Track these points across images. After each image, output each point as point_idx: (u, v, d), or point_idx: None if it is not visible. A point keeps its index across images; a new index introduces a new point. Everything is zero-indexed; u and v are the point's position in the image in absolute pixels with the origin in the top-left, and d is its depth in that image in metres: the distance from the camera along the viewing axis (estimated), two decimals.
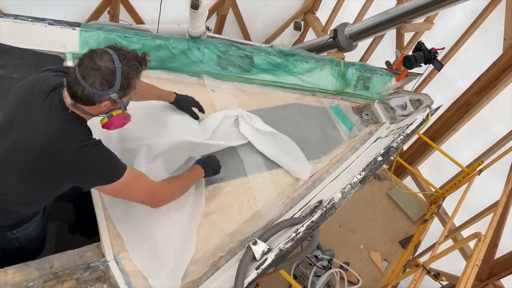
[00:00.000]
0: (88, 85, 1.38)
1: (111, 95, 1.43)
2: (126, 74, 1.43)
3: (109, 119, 1.51)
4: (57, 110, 1.47)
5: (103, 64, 1.39)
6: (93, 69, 1.38)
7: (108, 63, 1.40)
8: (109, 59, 1.41)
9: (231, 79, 2.62)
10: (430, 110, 2.63)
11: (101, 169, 1.52)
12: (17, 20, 2.23)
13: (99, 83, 1.39)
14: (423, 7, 2.96)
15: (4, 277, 1.61)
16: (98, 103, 1.44)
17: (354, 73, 2.81)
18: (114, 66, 1.40)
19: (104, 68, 1.39)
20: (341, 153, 2.50)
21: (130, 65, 1.44)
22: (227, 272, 1.84)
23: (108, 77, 1.40)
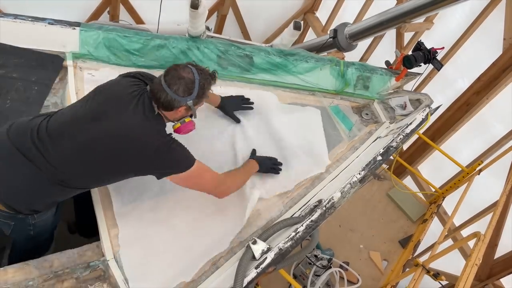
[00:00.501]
0: (172, 92, 1.64)
1: (188, 102, 1.68)
2: (202, 85, 1.70)
3: (182, 124, 1.77)
4: (149, 109, 1.70)
5: (186, 75, 1.66)
6: (178, 78, 1.65)
7: (190, 75, 1.67)
8: (190, 71, 1.68)
9: (231, 79, 2.63)
10: (429, 110, 2.63)
11: (177, 161, 1.74)
12: (17, 19, 2.24)
13: (182, 90, 1.65)
14: (423, 7, 2.96)
15: (4, 276, 1.61)
16: (176, 108, 1.69)
17: (354, 72, 2.81)
18: (194, 77, 1.67)
19: (187, 79, 1.66)
20: (340, 153, 2.50)
21: (205, 77, 1.72)
22: (226, 271, 1.84)
23: (190, 85, 1.67)
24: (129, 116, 1.66)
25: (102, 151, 1.66)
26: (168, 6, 2.97)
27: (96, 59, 2.39)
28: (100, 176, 1.75)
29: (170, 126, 1.82)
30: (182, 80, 1.65)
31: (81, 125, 1.66)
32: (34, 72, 2.23)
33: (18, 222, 1.76)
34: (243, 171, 2.10)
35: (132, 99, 1.69)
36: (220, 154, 2.27)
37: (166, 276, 1.79)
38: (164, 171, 1.76)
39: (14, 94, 2.14)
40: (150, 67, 2.45)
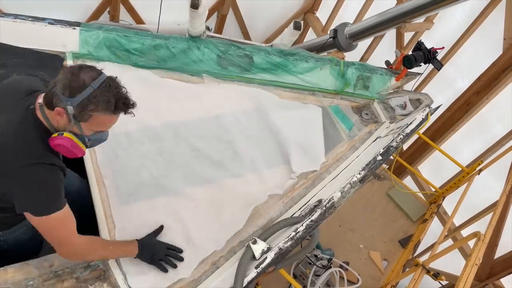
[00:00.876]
0: (53, 82, 1.34)
1: (67, 105, 1.32)
2: (93, 98, 1.32)
3: (57, 136, 1.37)
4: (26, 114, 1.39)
5: (82, 76, 1.33)
6: (72, 74, 1.33)
7: (87, 79, 1.33)
8: (92, 77, 1.34)
9: (231, 79, 2.63)
10: (429, 110, 2.63)
11: (37, 196, 1.38)
12: (17, 19, 2.24)
13: (62, 85, 1.32)
14: (423, 7, 2.97)
15: (4, 276, 1.61)
16: (55, 107, 1.34)
17: (354, 72, 2.81)
18: (88, 84, 1.32)
19: (79, 79, 1.32)
20: (340, 153, 2.50)
21: (104, 95, 1.33)
22: (226, 271, 1.84)
23: (75, 87, 1.32)
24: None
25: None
26: (168, 6, 2.97)
27: (96, 59, 2.39)
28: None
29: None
30: (72, 77, 1.32)
31: None
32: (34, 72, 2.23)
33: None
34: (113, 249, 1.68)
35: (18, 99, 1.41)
36: (217, 150, 2.27)
37: (166, 274, 1.78)
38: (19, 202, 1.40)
39: None
40: (150, 67, 2.46)
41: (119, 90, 1.37)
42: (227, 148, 2.30)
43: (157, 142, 2.18)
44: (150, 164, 2.09)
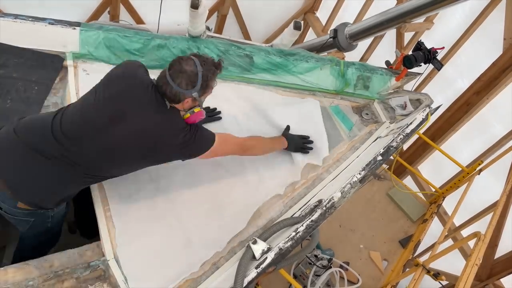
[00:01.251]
0: (176, 85, 1.68)
1: (192, 94, 1.71)
2: (206, 77, 1.72)
3: (191, 114, 1.77)
4: (162, 105, 1.74)
5: (189, 68, 1.68)
6: (180, 72, 1.68)
7: (193, 67, 1.69)
8: (193, 64, 1.70)
9: (231, 79, 2.63)
10: (430, 110, 2.63)
11: (201, 145, 1.84)
12: (17, 19, 2.24)
13: (185, 83, 1.68)
14: (423, 7, 2.96)
15: (5, 276, 1.61)
16: (182, 100, 1.72)
17: (354, 72, 2.81)
18: (197, 70, 1.69)
19: (189, 72, 1.68)
20: (341, 153, 2.50)
21: (209, 69, 1.73)
22: (227, 271, 1.85)
23: (193, 78, 1.69)
24: (148, 116, 1.70)
25: (129, 150, 1.72)
26: (168, 6, 2.97)
27: (96, 59, 2.39)
28: (130, 167, 1.83)
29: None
30: (184, 74, 1.68)
31: (100, 128, 1.67)
32: (34, 72, 2.23)
33: (38, 217, 1.80)
34: (269, 140, 2.26)
35: (146, 95, 1.72)
36: None
37: (166, 274, 1.79)
38: (192, 155, 1.85)
39: (14, 94, 2.14)
40: (150, 67, 2.44)
41: (208, 58, 1.77)
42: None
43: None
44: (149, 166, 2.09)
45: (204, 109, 2.23)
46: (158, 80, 1.73)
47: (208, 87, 1.77)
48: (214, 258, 1.89)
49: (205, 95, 1.82)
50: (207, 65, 1.73)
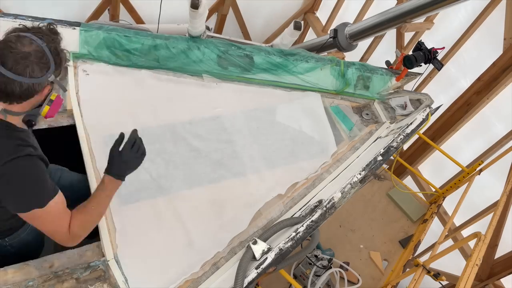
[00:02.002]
0: (28, 78, 1.26)
1: (49, 78, 1.32)
2: (55, 50, 1.33)
3: (50, 105, 1.38)
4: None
5: (29, 49, 1.26)
6: (22, 58, 1.24)
7: (33, 46, 1.27)
8: (30, 41, 1.28)
9: (231, 79, 2.62)
10: (430, 110, 2.63)
11: (24, 191, 1.32)
12: (17, 20, 2.23)
13: (38, 69, 1.28)
14: (423, 7, 2.96)
15: (4, 277, 1.61)
16: (39, 92, 1.33)
17: (354, 72, 2.81)
18: (40, 45, 1.28)
19: (33, 52, 1.27)
20: (341, 153, 2.50)
21: (52, 39, 1.34)
22: (227, 271, 1.84)
23: (43, 59, 1.29)
24: None
25: None
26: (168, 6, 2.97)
27: (96, 59, 2.38)
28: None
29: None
30: (29, 57, 1.26)
31: None
32: None
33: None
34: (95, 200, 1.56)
35: None
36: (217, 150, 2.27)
37: (166, 275, 1.78)
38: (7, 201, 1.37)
39: None
40: (151, 67, 2.45)
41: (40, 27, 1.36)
42: (227, 147, 2.30)
43: (156, 143, 2.18)
44: (149, 166, 2.09)
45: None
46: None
47: (62, 61, 1.38)
48: (215, 258, 1.89)
49: (62, 74, 1.42)
50: (45, 35, 1.33)
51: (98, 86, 2.28)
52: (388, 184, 3.78)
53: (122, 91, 2.32)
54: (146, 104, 2.31)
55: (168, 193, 2.03)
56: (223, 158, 2.25)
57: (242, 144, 2.34)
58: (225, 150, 2.28)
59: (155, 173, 2.07)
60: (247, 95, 2.59)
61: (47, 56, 1.30)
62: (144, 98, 2.33)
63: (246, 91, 2.61)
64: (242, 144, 2.34)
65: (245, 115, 2.49)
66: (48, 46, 1.31)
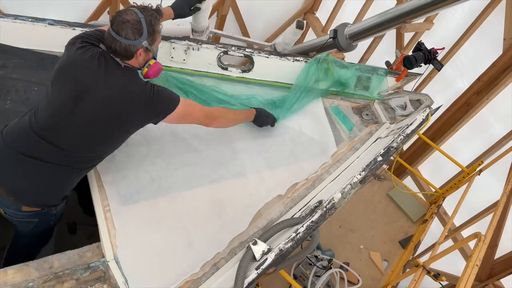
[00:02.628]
0: (123, 38, 1.63)
1: (143, 43, 1.67)
2: (149, 22, 1.68)
3: (148, 68, 1.77)
4: (116, 68, 1.71)
5: (130, 18, 1.64)
6: (123, 22, 1.63)
7: (134, 16, 1.65)
8: (133, 12, 1.66)
9: (231, 79, 2.62)
10: (430, 110, 2.63)
11: (166, 101, 1.80)
12: (17, 20, 2.23)
13: (131, 33, 1.64)
14: (423, 7, 2.95)
15: (4, 277, 1.61)
16: (135, 53, 1.68)
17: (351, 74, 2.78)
18: (138, 17, 1.65)
19: (132, 21, 1.64)
20: (341, 153, 2.50)
21: (150, 13, 1.70)
22: (227, 272, 1.84)
23: (137, 26, 1.64)
24: (106, 81, 1.68)
25: (103, 121, 1.72)
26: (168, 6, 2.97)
27: None
28: (113, 140, 1.83)
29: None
30: (127, 23, 1.64)
31: (69, 111, 1.70)
32: (34, 73, 2.23)
33: (43, 217, 1.86)
34: (237, 111, 2.24)
35: (97, 64, 1.69)
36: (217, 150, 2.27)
37: (166, 275, 1.78)
38: (159, 114, 1.80)
39: (14, 94, 2.14)
40: None
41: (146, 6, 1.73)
42: (227, 148, 2.30)
43: (156, 143, 2.18)
44: (149, 166, 2.09)
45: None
46: (105, 41, 1.69)
47: (155, 33, 1.73)
48: (215, 259, 1.89)
49: (156, 43, 1.77)
50: (147, 11, 1.70)
51: None
52: (388, 185, 3.78)
53: None
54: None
55: (168, 193, 2.04)
56: (223, 159, 2.25)
57: (242, 144, 2.34)
58: (225, 151, 2.28)
59: (155, 174, 2.07)
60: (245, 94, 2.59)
61: (141, 24, 1.65)
62: None
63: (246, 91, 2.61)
64: (242, 145, 2.34)
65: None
66: (145, 19, 1.67)
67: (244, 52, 2.61)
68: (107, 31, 1.69)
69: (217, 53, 2.55)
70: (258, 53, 2.64)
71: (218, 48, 2.55)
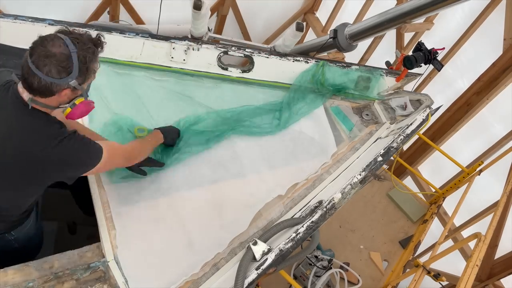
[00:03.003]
0: (44, 75, 1.31)
1: (70, 83, 1.35)
2: (83, 58, 1.36)
3: (72, 108, 1.42)
4: (19, 109, 1.40)
5: (56, 50, 1.31)
6: (46, 56, 1.31)
7: (62, 48, 1.32)
8: (62, 43, 1.33)
9: (231, 79, 2.62)
10: (430, 110, 2.63)
11: (82, 158, 1.50)
12: (17, 20, 2.23)
13: (56, 71, 1.32)
14: (423, 7, 2.95)
15: (4, 278, 1.61)
16: (58, 93, 1.36)
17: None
18: (69, 50, 1.32)
19: (58, 55, 1.31)
20: (341, 153, 2.50)
21: (86, 48, 1.36)
22: (227, 272, 1.84)
23: (65, 63, 1.32)
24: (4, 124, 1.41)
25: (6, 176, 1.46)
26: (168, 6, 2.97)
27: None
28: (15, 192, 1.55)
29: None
30: (52, 58, 1.31)
31: None
32: None
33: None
34: (149, 140, 1.96)
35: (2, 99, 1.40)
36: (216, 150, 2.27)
37: (166, 275, 1.78)
38: (72, 174, 1.53)
39: None
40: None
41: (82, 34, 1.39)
42: (227, 148, 2.30)
43: None
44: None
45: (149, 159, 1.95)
46: (22, 71, 1.34)
47: (89, 71, 1.40)
48: (215, 259, 1.89)
49: (88, 82, 1.44)
50: (82, 43, 1.36)
51: (97, 87, 2.28)
52: (388, 185, 3.78)
53: (122, 92, 2.32)
54: (146, 105, 2.31)
55: (168, 194, 2.03)
56: (223, 159, 2.24)
57: (242, 145, 2.33)
58: (225, 151, 2.28)
59: (155, 174, 2.07)
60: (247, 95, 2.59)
61: (71, 61, 1.33)
62: (143, 100, 2.33)
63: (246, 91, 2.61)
64: (242, 145, 2.33)
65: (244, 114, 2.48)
66: (78, 53, 1.34)
67: (244, 52, 2.61)
68: (24, 58, 1.34)
69: (217, 53, 2.55)
70: (258, 53, 2.64)
71: (218, 48, 2.55)
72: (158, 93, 2.39)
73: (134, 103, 2.29)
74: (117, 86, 2.32)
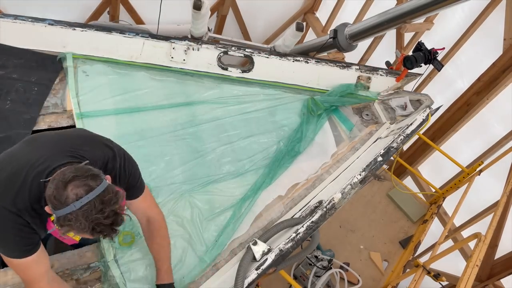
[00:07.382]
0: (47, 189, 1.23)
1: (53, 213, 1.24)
2: (72, 218, 1.20)
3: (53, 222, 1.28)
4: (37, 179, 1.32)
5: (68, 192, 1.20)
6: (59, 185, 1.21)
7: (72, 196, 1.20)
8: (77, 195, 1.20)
9: (231, 79, 2.62)
10: (430, 110, 2.63)
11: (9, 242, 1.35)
12: (17, 20, 2.23)
13: (49, 194, 1.22)
14: (423, 7, 2.95)
15: (4, 278, 1.61)
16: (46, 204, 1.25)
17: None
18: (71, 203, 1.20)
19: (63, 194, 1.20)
20: (341, 153, 2.50)
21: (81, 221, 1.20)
22: (227, 272, 1.84)
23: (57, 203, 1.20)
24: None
25: None
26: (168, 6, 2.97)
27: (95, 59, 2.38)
28: None
29: None
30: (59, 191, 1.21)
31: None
32: (34, 73, 2.23)
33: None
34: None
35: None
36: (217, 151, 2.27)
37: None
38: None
39: (14, 95, 2.13)
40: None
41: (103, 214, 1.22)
42: (227, 148, 2.30)
43: (155, 144, 2.18)
44: (149, 166, 2.09)
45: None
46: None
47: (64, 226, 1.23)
48: (215, 259, 1.89)
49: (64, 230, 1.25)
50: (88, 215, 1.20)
51: (98, 87, 2.28)
52: (388, 185, 3.78)
53: (122, 92, 2.32)
54: (146, 105, 2.31)
55: (168, 193, 2.03)
56: (223, 159, 2.24)
57: (242, 145, 2.33)
58: (225, 151, 2.28)
59: (155, 174, 2.07)
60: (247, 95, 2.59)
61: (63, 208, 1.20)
62: (143, 99, 2.33)
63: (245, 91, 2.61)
64: (242, 145, 2.33)
65: (245, 116, 2.49)
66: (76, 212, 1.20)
67: (244, 52, 2.61)
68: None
69: (217, 53, 2.55)
70: (258, 53, 2.64)
71: (218, 48, 2.55)
72: (158, 93, 2.38)
73: (133, 103, 2.29)
74: (117, 86, 2.32)
